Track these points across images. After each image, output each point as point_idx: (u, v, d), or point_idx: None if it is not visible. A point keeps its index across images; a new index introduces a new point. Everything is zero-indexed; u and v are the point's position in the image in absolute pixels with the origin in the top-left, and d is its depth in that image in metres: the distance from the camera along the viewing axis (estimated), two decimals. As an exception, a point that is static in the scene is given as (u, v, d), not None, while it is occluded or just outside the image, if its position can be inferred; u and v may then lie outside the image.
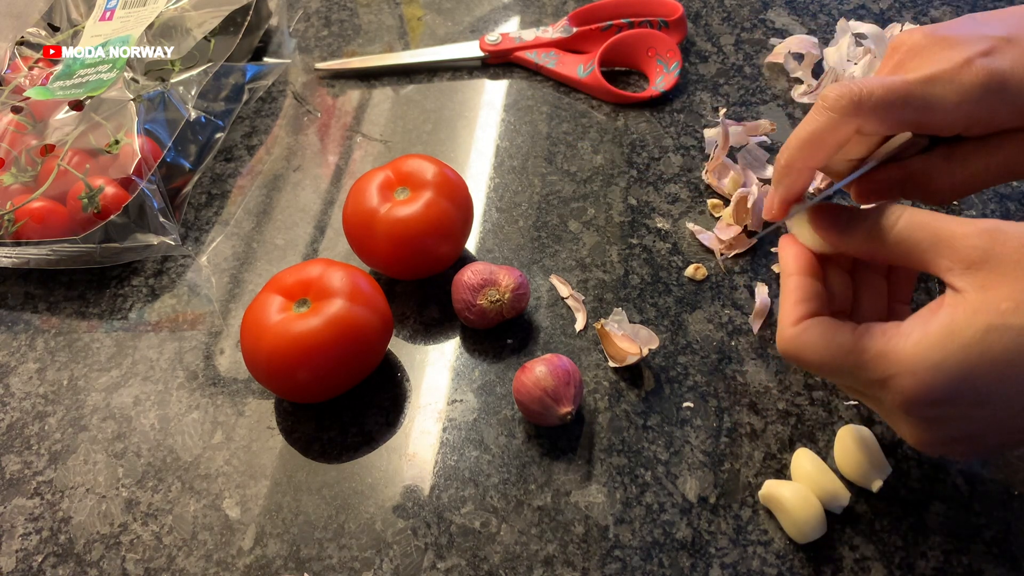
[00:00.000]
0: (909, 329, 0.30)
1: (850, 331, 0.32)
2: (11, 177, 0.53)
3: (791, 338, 0.34)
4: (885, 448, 0.40)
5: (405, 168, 0.47)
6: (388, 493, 0.41)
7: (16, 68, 0.62)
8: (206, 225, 0.55)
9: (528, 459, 0.42)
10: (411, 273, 0.49)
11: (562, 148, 0.56)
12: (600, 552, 0.39)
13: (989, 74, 0.32)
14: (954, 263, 0.30)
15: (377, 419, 0.44)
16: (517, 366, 0.45)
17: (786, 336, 0.34)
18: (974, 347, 0.28)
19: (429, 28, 0.67)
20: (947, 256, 0.30)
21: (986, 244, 0.29)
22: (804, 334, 0.33)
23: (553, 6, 0.68)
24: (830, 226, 0.35)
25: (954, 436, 0.31)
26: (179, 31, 0.60)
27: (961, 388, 0.29)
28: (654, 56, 0.59)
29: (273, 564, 0.39)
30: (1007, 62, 0.33)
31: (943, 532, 0.38)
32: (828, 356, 0.32)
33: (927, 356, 0.29)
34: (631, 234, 0.51)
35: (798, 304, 0.34)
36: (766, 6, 0.65)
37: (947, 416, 0.30)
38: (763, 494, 0.39)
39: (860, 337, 0.31)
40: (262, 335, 0.41)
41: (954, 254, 0.30)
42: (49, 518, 0.42)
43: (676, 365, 0.45)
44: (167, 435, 0.44)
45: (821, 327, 0.33)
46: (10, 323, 0.51)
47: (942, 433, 0.31)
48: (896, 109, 0.33)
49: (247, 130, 0.60)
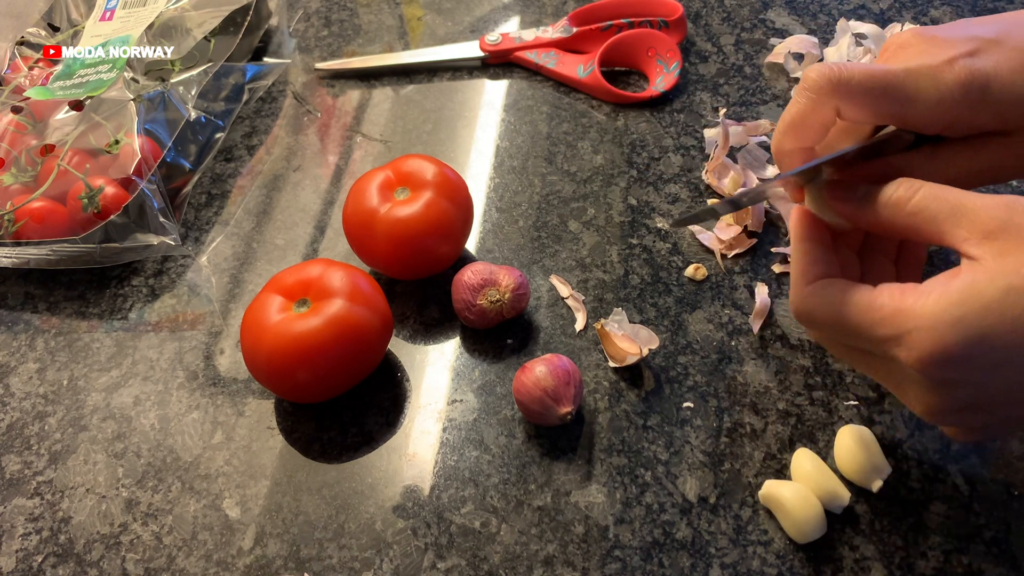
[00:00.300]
0: (929, 288, 0.30)
1: (867, 289, 0.32)
2: (11, 177, 0.53)
3: (806, 296, 0.34)
4: (885, 448, 0.40)
5: (405, 168, 0.47)
6: (388, 493, 0.41)
7: (16, 68, 0.62)
8: (206, 225, 0.55)
9: (528, 459, 0.42)
10: (411, 273, 0.49)
11: (562, 148, 0.56)
12: (600, 552, 0.39)
13: (971, 73, 0.32)
14: (972, 233, 0.30)
15: (377, 419, 0.44)
16: (517, 366, 0.45)
17: (800, 294, 0.34)
18: (994, 307, 0.28)
19: (429, 28, 0.67)
20: (965, 227, 0.30)
21: (1004, 214, 0.29)
22: (819, 292, 0.33)
23: (553, 6, 0.68)
24: (848, 198, 0.34)
25: (965, 403, 0.31)
26: (179, 31, 0.60)
27: (980, 347, 0.28)
28: (654, 56, 0.59)
29: (273, 564, 0.39)
30: (991, 63, 0.33)
31: (943, 532, 0.38)
32: (843, 313, 0.32)
33: (948, 312, 0.29)
34: (631, 234, 0.51)
35: (812, 265, 0.34)
36: (766, 6, 0.65)
37: (961, 379, 0.30)
38: (763, 494, 0.39)
39: (878, 295, 0.31)
40: (262, 335, 0.41)
41: (972, 224, 0.30)
42: (49, 518, 0.42)
43: (676, 365, 0.45)
44: (167, 435, 0.44)
45: (836, 286, 0.33)
46: (10, 323, 0.51)
47: (954, 399, 0.31)
48: (875, 95, 0.33)
49: (247, 130, 0.60)
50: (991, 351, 0.28)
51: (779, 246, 0.49)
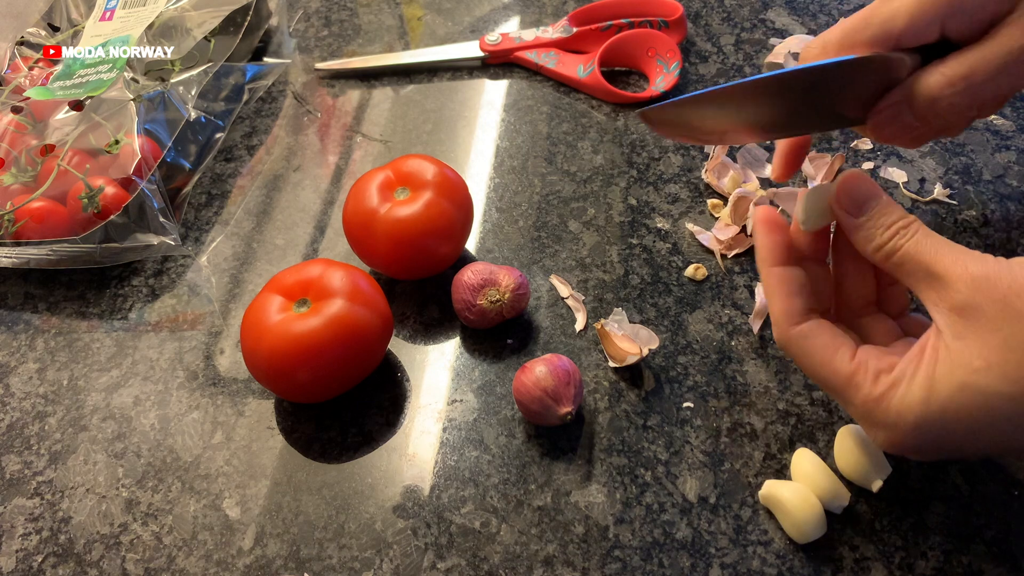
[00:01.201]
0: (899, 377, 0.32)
1: (849, 358, 0.33)
2: (11, 177, 0.53)
3: (792, 340, 0.35)
4: (885, 448, 0.40)
5: (405, 168, 0.47)
6: (388, 493, 0.41)
7: (16, 68, 0.62)
8: (206, 225, 0.55)
9: (528, 459, 0.42)
10: (411, 273, 0.49)
11: (562, 148, 0.56)
12: (600, 552, 0.39)
13: None
14: (940, 302, 0.31)
15: (377, 419, 0.44)
16: (517, 366, 0.45)
17: (787, 336, 0.35)
18: (950, 407, 0.30)
19: (429, 28, 0.67)
20: (936, 294, 0.31)
21: (969, 294, 0.30)
22: (805, 342, 0.35)
23: (553, 6, 0.68)
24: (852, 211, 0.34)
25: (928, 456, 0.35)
26: (179, 31, 0.60)
27: (938, 442, 0.31)
28: (654, 56, 0.59)
29: (273, 564, 0.39)
30: None
31: (943, 532, 0.38)
32: (823, 375, 0.34)
33: (908, 417, 0.31)
34: (631, 234, 0.51)
35: (790, 298, 0.35)
36: (766, 6, 0.65)
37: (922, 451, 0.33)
38: (763, 494, 0.39)
39: (855, 372, 0.33)
40: (262, 335, 0.41)
41: (941, 294, 0.31)
42: (49, 518, 0.42)
43: (676, 365, 0.45)
44: (167, 435, 0.44)
45: (822, 340, 0.34)
46: (10, 323, 0.51)
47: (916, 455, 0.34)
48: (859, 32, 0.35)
49: (247, 130, 0.60)
50: (949, 444, 0.31)
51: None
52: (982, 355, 0.29)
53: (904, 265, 0.33)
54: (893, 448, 0.33)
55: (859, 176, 0.35)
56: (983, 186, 0.51)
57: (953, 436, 0.31)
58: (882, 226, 0.33)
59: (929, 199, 0.51)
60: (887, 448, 0.33)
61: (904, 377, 0.32)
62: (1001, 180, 0.51)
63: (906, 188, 0.51)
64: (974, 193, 0.51)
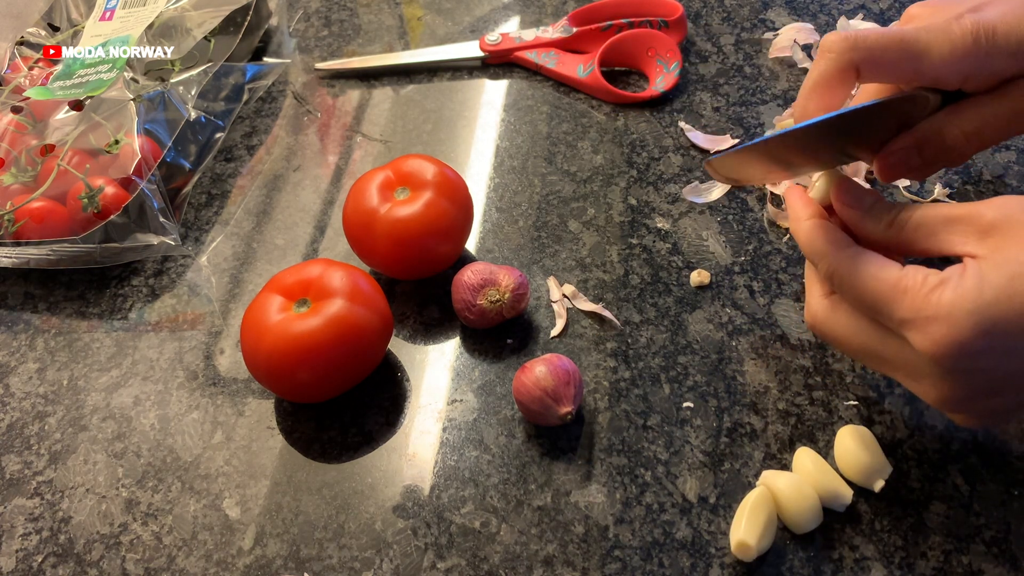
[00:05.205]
0: (947, 276, 0.32)
1: (896, 266, 0.33)
2: (11, 177, 0.53)
3: (843, 259, 0.35)
4: (885, 448, 0.40)
5: (405, 168, 0.47)
6: (388, 493, 0.41)
7: (16, 68, 0.62)
8: (206, 225, 0.55)
9: (528, 459, 0.42)
10: (411, 273, 0.49)
11: (562, 148, 0.56)
12: (600, 552, 0.39)
13: (976, 24, 0.34)
14: (968, 236, 0.32)
15: (377, 419, 0.44)
16: (517, 366, 0.45)
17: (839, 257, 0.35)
18: (1002, 296, 0.30)
19: (429, 28, 0.67)
20: (960, 232, 0.32)
21: (996, 214, 0.32)
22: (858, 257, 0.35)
23: (553, 6, 0.68)
24: (855, 204, 0.36)
25: (978, 390, 0.32)
26: (179, 31, 0.60)
27: (991, 335, 0.30)
28: (654, 56, 0.59)
29: (273, 564, 0.39)
30: (995, 13, 0.35)
31: (943, 532, 0.38)
32: (872, 287, 0.34)
33: (961, 303, 0.30)
34: (631, 234, 0.51)
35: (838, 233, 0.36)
36: (766, 6, 0.65)
37: (975, 368, 0.31)
38: (761, 483, 0.39)
39: (905, 275, 0.33)
40: (262, 335, 0.41)
41: (967, 228, 0.32)
42: (49, 518, 0.42)
43: (676, 365, 0.45)
44: (167, 435, 0.44)
45: (875, 257, 0.34)
46: (10, 323, 0.51)
47: (967, 387, 0.32)
48: (890, 52, 0.35)
49: (247, 130, 0.60)
50: (1003, 338, 0.30)
51: (778, 245, 0.49)
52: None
53: (922, 226, 0.34)
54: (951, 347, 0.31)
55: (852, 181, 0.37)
56: (983, 186, 0.51)
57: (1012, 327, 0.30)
58: (888, 207, 0.35)
59: (929, 200, 0.51)
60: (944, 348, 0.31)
61: (953, 276, 0.31)
62: (1001, 180, 0.51)
63: (906, 190, 0.51)
64: (974, 193, 0.51)
